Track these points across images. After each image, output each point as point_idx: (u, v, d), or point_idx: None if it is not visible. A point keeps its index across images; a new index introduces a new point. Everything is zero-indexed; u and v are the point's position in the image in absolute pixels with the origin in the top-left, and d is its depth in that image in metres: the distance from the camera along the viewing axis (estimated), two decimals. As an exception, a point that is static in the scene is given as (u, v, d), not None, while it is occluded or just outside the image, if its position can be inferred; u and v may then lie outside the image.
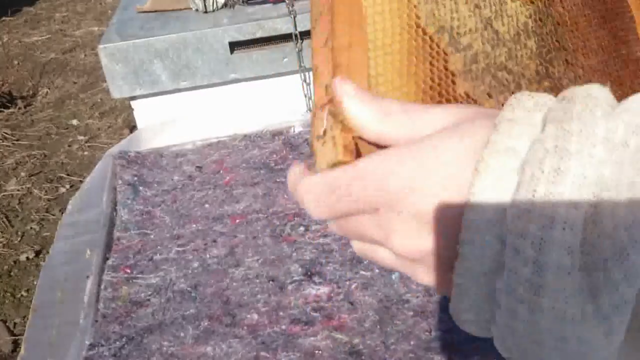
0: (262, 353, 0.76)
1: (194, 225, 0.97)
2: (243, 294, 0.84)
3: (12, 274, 1.97)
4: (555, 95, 0.29)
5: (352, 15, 0.40)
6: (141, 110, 1.24)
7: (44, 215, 2.19)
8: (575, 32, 0.46)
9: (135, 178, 1.08)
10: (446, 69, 0.40)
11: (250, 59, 1.19)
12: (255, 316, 0.81)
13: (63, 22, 3.82)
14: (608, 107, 0.27)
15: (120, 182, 1.06)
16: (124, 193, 1.04)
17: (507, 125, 0.28)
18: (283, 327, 0.79)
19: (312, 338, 0.77)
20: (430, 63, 0.40)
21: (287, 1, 1.12)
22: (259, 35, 1.16)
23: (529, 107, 0.28)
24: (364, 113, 0.33)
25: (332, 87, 0.34)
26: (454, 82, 0.40)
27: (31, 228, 2.14)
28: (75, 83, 3.10)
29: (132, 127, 2.35)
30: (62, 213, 1.63)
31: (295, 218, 0.96)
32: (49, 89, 3.06)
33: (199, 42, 1.15)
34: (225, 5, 1.22)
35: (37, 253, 2.03)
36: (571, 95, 0.28)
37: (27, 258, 2.01)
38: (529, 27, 0.44)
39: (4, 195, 2.31)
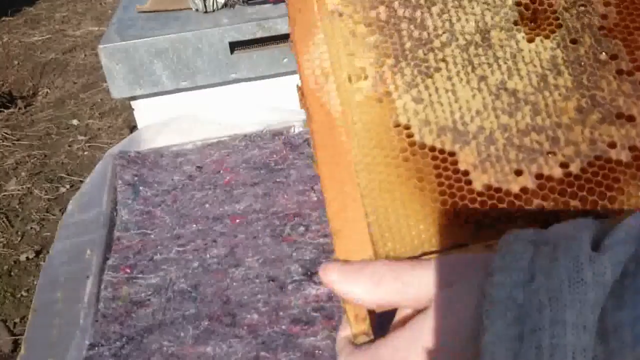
0: (262, 353, 0.76)
1: (194, 225, 0.97)
2: (243, 293, 0.84)
3: (12, 274, 1.97)
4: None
5: (339, 173, 0.38)
6: (141, 110, 1.24)
7: (44, 215, 2.19)
8: (631, 24, 0.40)
9: (136, 178, 1.08)
10: (457, 172, 0.37)
11: (250, 59, 1.19)
12: (256, 316, 0.81)
13: (63, 22, 3.82)
14: (590, 250, 0.28)
15: (120, 182, 1.06)
16: (124, 193, 1.04)
17: (501, 275, 0.29)
18: (283, 327, 0.79)
19: (312, 338, 0.77)
20: (437, 175, 0.37)
21: (287, 1, 1.12)
22: (259, 35, 1.16)
23: (518, 250, 0.29)
24: (355, 291, 0.34)
25: (320, 276, 0.36)
26: (469, 182, 0.36)
27: (31, 228, 2.14)
28: (75, 83, 3.10)
29: (132, 127, 2.35)
30: (62, 213, 1.63)
31: (295, 218, 0.97)
32: (49, 89, 3.06)
33: (199, 42, 1.15)
34: (225, 5, 1.22)
35: (37, 253, 2.03)
36: (554, 238, 0.29)
37: (27, 258, 2.01)
38: (557, 60, 0.40)
39: (4, 195, 2.31)
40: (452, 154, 0.37)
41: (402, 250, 0.35)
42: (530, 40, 0.41)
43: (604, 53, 0.40)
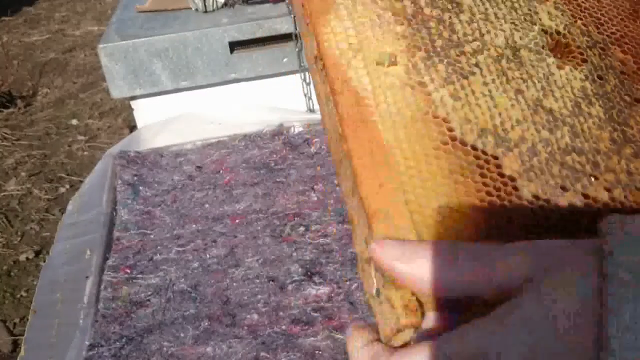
0: (262, 353, 0.76)
1: (194, 225, 0.97)
2: (243, 294, 0.84)
3: (11, 274, 1.97)
4: None
5: (372, 152, 0.34)
6: (141, 110, 1.24)
7: (43, 215, 2.19)
8: None
9: (135, 178, 1.08)
10: (502, 175, 0.34)
11: (250, 59, 1.18)
12: (255, 316, 0.81)
13: (63, 22, 3.82)
14: None
15: (120, 182, 1.06)
16: (124, 193, 1.04)
17: (625, 253, 0.25)
18: (283, 327, 0.79)
19: (312, 338, 0.77)
20: (481, 174, 0.34)
21: (287, 1, 1.12)
22: (259, 35, 1.16)
23: (630, 231, 0.25)
24: (422, 271, 0.27)
25: (371, 254, 0.29)
26: (515, 188, 0.33)
27: (31, 228, 2.14)
28: (75, 83, 3.10)
29: (132, 127, 2.34)
30: (62, 213, 1.63)
31: (295, 218, 0.96)
32: (48, 89, 3.05)
33: (199, 42, 1.15)
34: (225, 5, 1.22)
35: (37, 253, 2.03)
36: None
37: (27, 258, 2.01)
38: (588, 91, 0.39)
39: (4, 195, 2.31)
40: (495, 157, 0.35)
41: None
42: (560, 68, 0.39)
43: (627, 96, 0.39)
